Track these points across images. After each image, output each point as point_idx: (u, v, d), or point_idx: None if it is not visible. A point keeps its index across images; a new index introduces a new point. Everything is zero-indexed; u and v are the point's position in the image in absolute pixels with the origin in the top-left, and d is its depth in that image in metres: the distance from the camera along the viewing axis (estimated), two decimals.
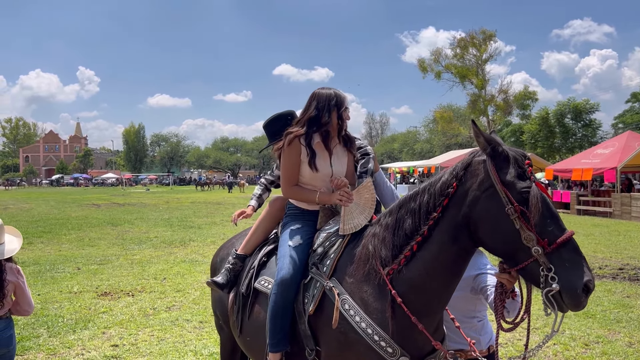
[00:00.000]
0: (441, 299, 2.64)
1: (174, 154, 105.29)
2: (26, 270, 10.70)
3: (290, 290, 2.84)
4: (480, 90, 54.82)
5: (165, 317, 7.37)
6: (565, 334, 6.57)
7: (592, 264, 11.47)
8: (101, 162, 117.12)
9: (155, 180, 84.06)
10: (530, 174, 2.37)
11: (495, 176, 2.36)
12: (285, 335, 2.84)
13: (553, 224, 2.29)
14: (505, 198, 2.30)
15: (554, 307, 2.24)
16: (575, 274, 2.19)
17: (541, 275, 2.23)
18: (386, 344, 2.50)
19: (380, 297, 2.60)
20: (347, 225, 2.91)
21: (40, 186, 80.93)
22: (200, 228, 18.70)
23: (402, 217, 2.65)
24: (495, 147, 2.41)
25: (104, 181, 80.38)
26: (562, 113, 39.99)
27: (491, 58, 55.12)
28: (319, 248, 2.95)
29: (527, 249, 2.25)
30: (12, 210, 27.51)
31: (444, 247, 2.50)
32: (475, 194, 2.42)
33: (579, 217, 23.55)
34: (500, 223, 2.32)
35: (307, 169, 3.03)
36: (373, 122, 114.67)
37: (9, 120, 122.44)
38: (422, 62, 57.43)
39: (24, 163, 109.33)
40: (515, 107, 53.99)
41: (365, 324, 2.54)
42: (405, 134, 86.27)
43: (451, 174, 2.54)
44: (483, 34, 53.74)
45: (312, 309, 2.73)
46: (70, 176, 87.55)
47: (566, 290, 2.19)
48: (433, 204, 2.54)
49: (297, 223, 3.12)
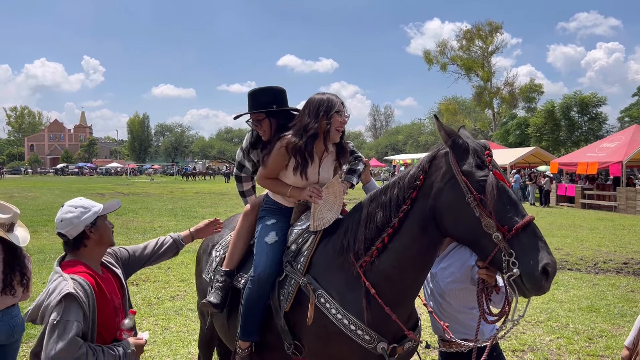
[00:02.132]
0: (413, 288, 2.75)
1: (178, 144, 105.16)
2: (31, 259, 10.76)
3: (265, 288, 2.92)
4: (486, 82, 54.65)
5: (169, 306, 7.40)
6: (569, 327, 6.57)
7: (597, 258, 11.45)
8: (106, 152, 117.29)
9: (159, 170, 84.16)
10: (489, 164, 2.43)
11: (455, 167, 2.46)
12: (256, 328, 2.96)
13: (512, 211, 2.34)
14: (465, 187, 2.40)
15: (516, 291, 2.30)
16: (534, 258, 2.24)
17: (503, 260, 2.29)
18: (363, 332, 2.61)
19: (355, 289, 2.70)
20: (317, 222, 2.95)
21: (45, 175, 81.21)
22: (204, 218, 18.60)
23: (373, 211, 2.74)
24: (455, 140, 2.50)
25: (108, 171, 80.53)
26: (568, 106, 39.64)
27: (497, 50, 54.99)
28: (292, 245, 3.01)
29: (488, 236, 2.32)
30: (17, 198, 27.61)
31: (414, 238, 2.59)
32: (439, 186, 2.51)
33: (583, 211, 23.48)
34: (462, 212, 2.40)
35: (292, 174, 3.01)
36: (377, 113, 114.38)
37: (14, 109, 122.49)
38: (428, 53, 57.32)
39: (29, 152, 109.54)
40: (521, 99, 53.80)
41: (341, 315, 2.64)
42: (410, 126, 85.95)
43: (418, 167, 2.65)
44: (489, 26, 53.51)
45: (287, 306, 2.82)
46: (75, 165, 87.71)
47: (526, 274, 2.24)
48: (402, 197, 2.63)
49: (273, 218, 3.14)
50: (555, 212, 21.88)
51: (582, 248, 12.78)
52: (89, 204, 2.63)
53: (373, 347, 2.61)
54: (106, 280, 2.60)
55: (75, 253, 2.58)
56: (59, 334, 2.18)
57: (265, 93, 3.17)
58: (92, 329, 2.36)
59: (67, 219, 2.54)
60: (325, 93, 3.00)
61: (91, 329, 2.35)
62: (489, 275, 2.53)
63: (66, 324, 2.20)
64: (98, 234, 2.58)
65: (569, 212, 23.22)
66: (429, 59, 56.92)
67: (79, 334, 2.21)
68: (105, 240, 2.63)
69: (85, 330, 2.28)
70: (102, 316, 2.43)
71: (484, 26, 53.67)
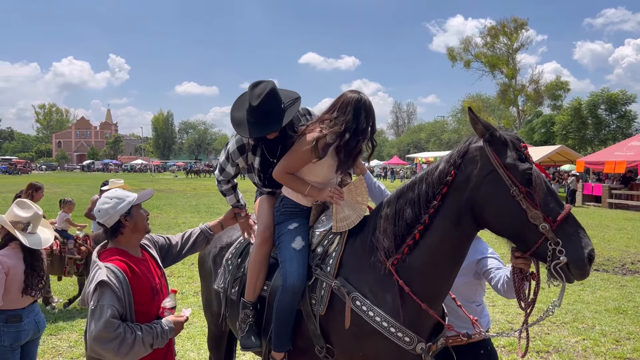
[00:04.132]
0: (447, 283, 2.73)
1: (201, 141, 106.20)
2: None
3: (298, 297, 2.83)
4: (511, 79, 53.79)
5: (193, 301, 7.50)
6: (595, 329, 6.46)
7: (624, 258, 11.24)
8: (130, 149, 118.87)
9: (182, 167, 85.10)
10: (529, 156, 2.48)
11: (497, 160, 2.45)
12: (289, 337, 2.89)
13: (553, 201, 2.41)
14: (509, 180, 2.40)
15: (562, 278, 2.35)
16: (579, 245, 2.33)
17: (549, 249, 2.34)
18: (403, 334, 2.57)
19: (388, 288, 2.66)
20: (339, 223, 2.90)
21: (71, 171, 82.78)
22: None
23: (401, 208, 2.71)
24: (493, 133, 2.51)
25: (132, 167, 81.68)
26: (595, 104, 38.83)
27: (522, 47, 54.03)
28: (318, 248, 2.94)
29: (534, 227, 2.36)
30: (46, 193, 28.12)
31: (446, 233, 2.58)
32: (477, 180, 2.50)
33: (610, 211, 23.01)
34: (505, 205, 2.42)
35: (322, 170, 2.92)
36: (400, 111, 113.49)
37: (43, 107, 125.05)
38: (452, 50, 56.59)
39: (56, 148, 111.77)
40: (547, 97, 52.86)
41: (380, 318, 2.59)
42: (433, 124, 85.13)
43: (448, 162, 2.61)
44: (514, 22, 52.60)
45: (323, 310, 2.76)
46: (101, 162, 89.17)
47: (573, 261, 2.31)
48: (432, 193, 2.61)
49: (295, 221, 3.04)
50: (582, 212, 21.49)
51: (609, 248, 12.55)
52: (123, 194, 2.80)
53: (412, 348, 2.59)
54: (144, 263, 2.81)
55: (114, 240, 2.77)
56: (97, 317, 2.40)
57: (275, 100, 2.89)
58: (130, 309, 2.56)
59: (104, 210, 2.71)
60: (360, 93, 2.91)
61: (129, 310, 2.54)
62: (526, 264, 2.56)
63: (102, 308, 2.41)
64: (133, 222, 2.75)
65: (596, 211, 22.79)
66: (452, 56, 56.22)
67: (115, 316, 2.42)
68: (140, 228, 2.80)
69: (121, 312, 2.48)
70: (139, 296, 2.61)
71: (509, 23, 52.79)
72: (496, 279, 3.00)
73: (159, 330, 2.56)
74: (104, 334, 2.36)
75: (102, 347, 2.38)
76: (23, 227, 3.71)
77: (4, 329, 3.71)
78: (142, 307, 2.62)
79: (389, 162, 64.85)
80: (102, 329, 2.36)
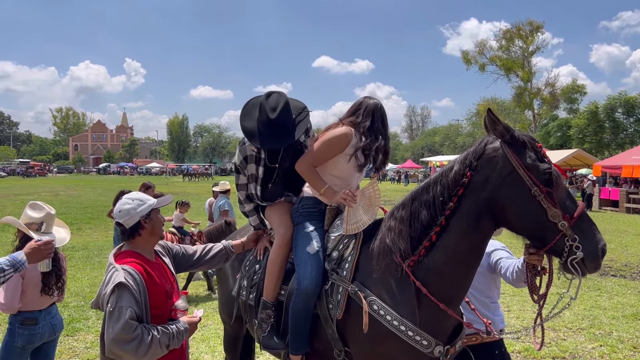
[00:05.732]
0: (465, 283, 2.75)
1: (215, 144, 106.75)
2: (75, 255, 11.14)
3: (313, 300, 2.86)
4: (526, 83, 53.39)
5: (208, 304, 7.54)
6: (612, 335, 6.38)
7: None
8: (146, 152, 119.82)
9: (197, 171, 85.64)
10: (545, 156, 2.53)
11: (517, 161, 2.49)
12: (306, 340, 2.91)
13: (569, 200, 2.49)
14: (530, 181, 2.45)
15: (579, 272, 2.43)
16: (594, 241, 2.44)
17: (566, 245, 2.42)
18: (421, 338, 2.58)
19: (405, 290, 2.67)
20: (350, 225, 2.91)
21: (87, 174, 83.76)
22: (241, 217, 18.81)
23: (416, 210, 2.72)
24: (513, 134, 2.55)
25: (148, 170, 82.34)
26: (612, 107, 38.39)
27: (538, 50, 53.61)
28: (333, 252, 2.96)
29: (552, 225, 2.43)
30: (62, 196, 28.56)
31: (464, 234, 2.60)
32: (496, 181, 2.52)
33: (628, 216, 22.70)
34: (526, 204, 2.46)
35: (345, 167, 3.02)
36: (414, 114, 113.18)
37: (60, 110, 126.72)
38: (466, 54, 56.38)
39: (73, 151, 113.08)
40: (563, 100, 52.35)
41: (397, 322, 2.60)
42: (447, 127, 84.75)
43: (463, 163, 2.63)
44: (530, 25, 52.23)
45: (340, 315, 2.78)
46: (116, 165, 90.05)
47: (589, 256, 2.41)
48: (448, 195, 2.63)
49: (312, 223, 3.08)
50: (598, 217, 21.23)
51: (626, 254, 12.38)
52: (145, 197, 2.83)
53: (430, 351, 2.60)
54: (158, 266, 2.82)
55: (130, 242, 2.78)
56: (115, 319, 2.42)
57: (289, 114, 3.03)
58: (146, 311, 2.57)
59: (125, 210, 2.73)
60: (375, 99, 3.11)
61: (145, 312, 2.56)
62: (539, 260, 2.61)
63: (120, 309, 2.43)
64: (151, 225, 2.77)
65: (613, 216, 22.49)
66: (467, 59, 55.97)
67: (133, 318, 2.44)
68: (156, 232, 2.82)
69: (139, 314, 2.50)
70: (154, 299, 2.63)
71: (525, 26, 52.45)
72: (505, 268, 3.10)
73: (175, 331, 2.59)
74: (123, 335, 2.38)
75: (121, 349, 2.40)
76: (37, 227, 3.76)
77: (19, 330, 3.76)
78: (156, 309, 2.64)
79: (402, 166, 64.63)
80: (121, 330, 2.38)
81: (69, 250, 11.29)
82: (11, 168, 70.73)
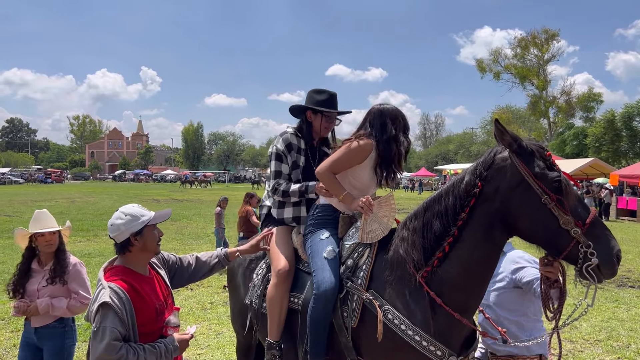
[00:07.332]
0: (479, 293, 2.76)
1: (230, 152, 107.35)
2: (92, 261, 11.24)
3: (331, 304, 2.86)
4: (542, 91, 53.09)
5: (223, 311, 7.58)
6: (630, 347, 6.29)
7: None
8: (161, 159, 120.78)
9: (211, 178, 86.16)
10: (554, 164, 2.53)
11: (526, 170, 2.50)
12: (325, 345, 2.91)
13: (580, 206, 2.48)
14: (540, 190, 2.46)
15: (594, 279, 2.40)
16: (608, 247, 2.41)
17: (580, 252, 2.40)
18: (435, 348, 2.59)
19: (419, 300, 2.68)
20: (365, 234, 2.93)
21: (103, 181, 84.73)
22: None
23: (429, 220, 2.74)
24: (521, 144, 2.55)
25: (163, 178, 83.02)
26: (630, 115, 37.97)
27: (553, 58, 53.31)
28: (348, 260, 2.98)
29: (565, 233, 2.42)
30: (78, 203, 28.91)
31: (477, 244, 2.61)
32: (506, 191, 2.53)
33: None
34: (538, 213, 2.47)
35: (364, 176, 3.07)
36: (428, 122, 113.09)
37: (77, 118, 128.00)
38: (481, 62, 56.28)
39: (89, 158, 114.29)
40: (579, 109, 51.91)
41: (412, 332, 2.61)
42: (462, 135, 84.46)
43: (473, 173, 2.64)
44: (545, 33, 51.99)
45: (355, 323, 2.79)
46: (132, 172, 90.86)
47: (604, 262, 2.38)
48: (460, 205, 2.65)
49: (326, 230, 3.11)
50: (616, 227, 20.94)
51: None
52: (139, 212, 2.73)
53: None
54: (150, 281, 2.76)
55: (121, 257, 2.74)
56: (99, 340, 2.39)
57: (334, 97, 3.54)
58: (133, 330, 2.52)
59: (116, 225, 2.68)
60: (382, 104, 3.17)
61: (132, 331, 2.51)
62: (553, 272, 2.58)
63: (104, 330, 2.39)
64: (142, 242, 2.69)
65: (631, 226, 22.17)
66: (481, 67, 55.82)
67: (117, 339, 2.39)
68: (149, 248, 2.74)
69: (124, 334, 2.45)
70: (142, 317, 2.58)
71: (540, 34, 52.23)
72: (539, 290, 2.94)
73: (163, 349, 2.54)
74: (105, 356, 2.35)
75: None
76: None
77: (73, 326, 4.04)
78: (145, 327, 2.59)
79: (416, 174, 64.40)
80: (104, 351, 2.35)
81: (85, 257, 11.41)
82: (30, 173, 71.88)
